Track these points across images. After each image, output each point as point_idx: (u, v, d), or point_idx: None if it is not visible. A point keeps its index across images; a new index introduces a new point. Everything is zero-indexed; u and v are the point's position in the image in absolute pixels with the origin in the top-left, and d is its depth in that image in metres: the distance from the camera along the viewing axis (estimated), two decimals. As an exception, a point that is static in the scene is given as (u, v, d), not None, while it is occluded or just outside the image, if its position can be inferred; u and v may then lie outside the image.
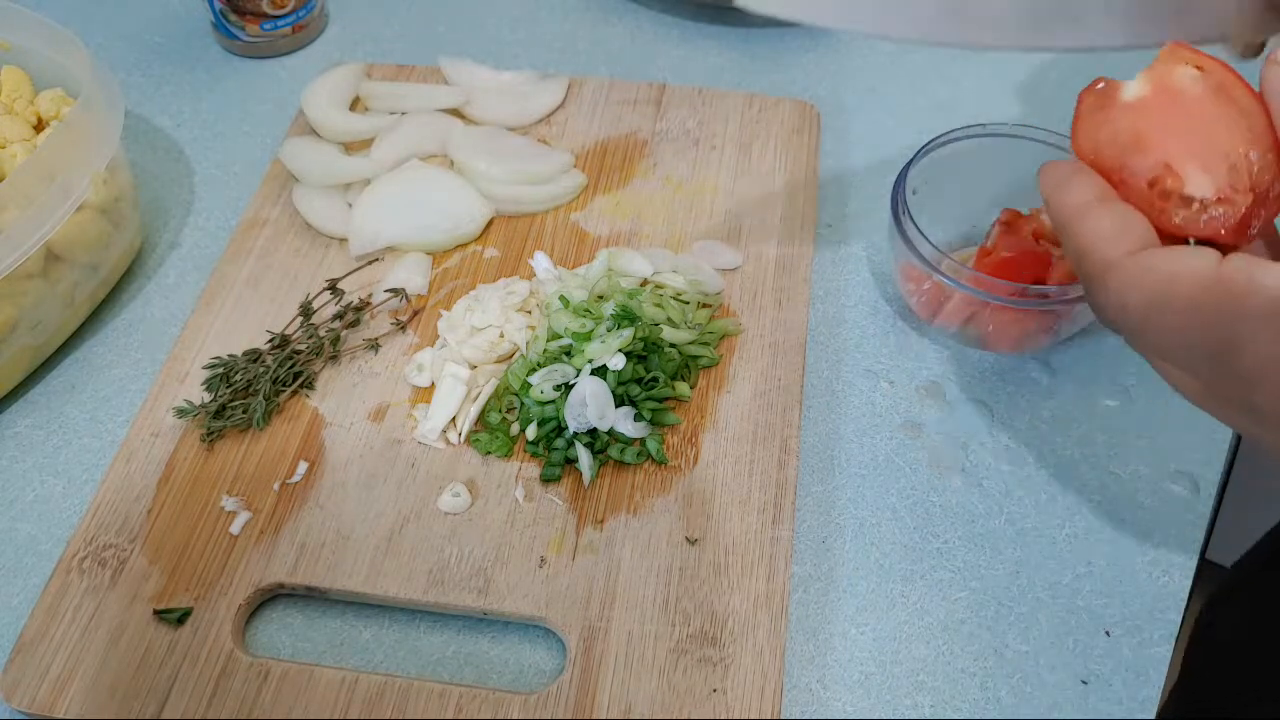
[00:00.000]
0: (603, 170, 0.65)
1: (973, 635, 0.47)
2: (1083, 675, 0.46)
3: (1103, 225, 0.38)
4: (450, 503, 0.50)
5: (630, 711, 0.44)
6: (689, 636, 0.46)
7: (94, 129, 0.55)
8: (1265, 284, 0.33)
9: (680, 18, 0.77)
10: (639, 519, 0.49)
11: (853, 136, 0.68)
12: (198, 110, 0.71)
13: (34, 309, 0.54)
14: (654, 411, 0.52)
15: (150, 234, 0.64)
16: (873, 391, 0.56)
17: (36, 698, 0.44)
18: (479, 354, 0.54)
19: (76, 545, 0.49)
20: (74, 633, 0.46)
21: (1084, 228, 0.38)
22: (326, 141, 0.66)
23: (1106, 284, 0.37)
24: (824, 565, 0.50)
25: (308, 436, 0.53)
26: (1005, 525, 0.51)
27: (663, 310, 0.55)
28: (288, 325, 0.56)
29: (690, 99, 0.69)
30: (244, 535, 0.49)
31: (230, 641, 0.46)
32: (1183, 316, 0.35)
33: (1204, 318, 0.35)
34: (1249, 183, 0.37)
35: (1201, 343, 0.35)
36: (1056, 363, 0.56)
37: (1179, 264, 0.35)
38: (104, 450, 0.54)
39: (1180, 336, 0.36)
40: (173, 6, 0.79)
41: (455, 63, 0.70)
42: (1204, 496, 0.52)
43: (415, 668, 0.47)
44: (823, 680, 0.46)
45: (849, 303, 0.60)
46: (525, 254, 0.61)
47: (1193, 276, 0.35)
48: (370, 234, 0.60)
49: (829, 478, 0.52)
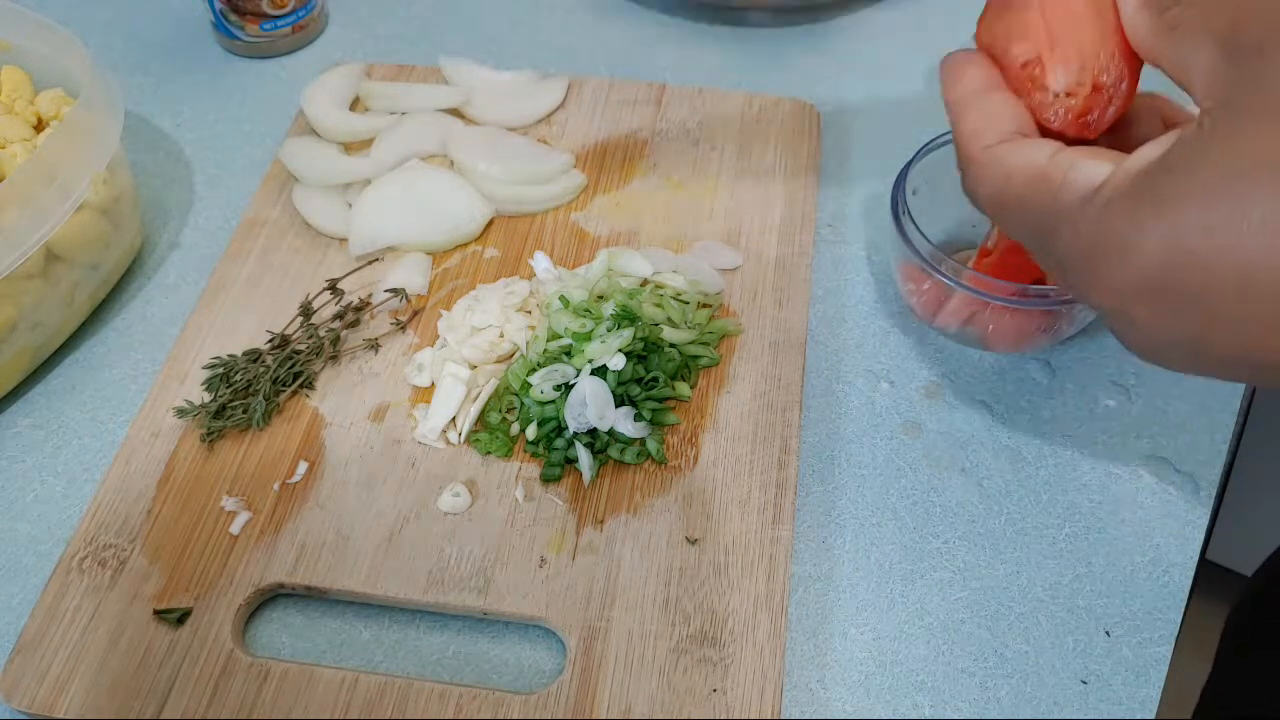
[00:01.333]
0: (603, 170, 0.65)
1: (973, 635, 0.47)
2: (1083, 675, 0.46)
3: (970, 119, 0.40)
4: (450, 503, 0.50)
5: (630, 711, 0.44)
6: (689, 636, 0.46)
7: (94, 129, 0.55)
8: (1075, 178, 0.35)
9: (680, 18, 0.77)
10: (639, 519, 0.49)
11: (853, 136, 0.68)
12: (198, 110, 0.71)
13: (34, 309, 0.54)
14: (654, 411, 0.52)
15: (150, 234, 0.64)
16: (873, 391, 0.56)
17: (36, 698, 0.44)
18: (479, 354, 0.54)
19: (76, 545, 0.49)
20: (74, 633, 0.46)
21: (960, 120, 0.40)
22: (326, 141, 0.66)
23: (966, 175, 0.40)
24: (824, 565, 0.50)
25: (308, 436, 0.53)
26: (1005, 525, 0.51)
27: (663, 310, 0.55)
28: (288, 325, 0.56)
29: (690, 99, 0.69)
30: (244, 535, 0.49)
31: (230, 641, 0.46)
32: (1016, 209, 0.37)
33: (1028, 209, 0.37)
34: (1092, 79, 0.38)
35: (1030, 231, 0.38)
36: (1056, 363, 0.56)
37: (1017, 158, 0.37)
38: (104, 450, 0.54)
39: (1017, 227, 0.38)
40: (173, 6, 0.79)
41: (455, 63, 0.70)
42: (1204, 496, 0.52)
43: (415, 668, 0.47)
44: (823, 680, 0.46)
45: (849, 303, 0.60)
46: (525, 254, 0.61)
47: (1025, 170, 0.37)
48: (370, 234, 0.60)
49: (829, 478, 0.52)
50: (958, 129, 0.40)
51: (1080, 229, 0.35)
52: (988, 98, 0.40)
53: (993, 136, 0.39)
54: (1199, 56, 0.33)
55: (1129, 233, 0.33)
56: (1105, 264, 0.34)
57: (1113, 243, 0.33)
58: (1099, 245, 0.34)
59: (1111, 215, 0.33)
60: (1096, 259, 0.34)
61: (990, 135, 0.39)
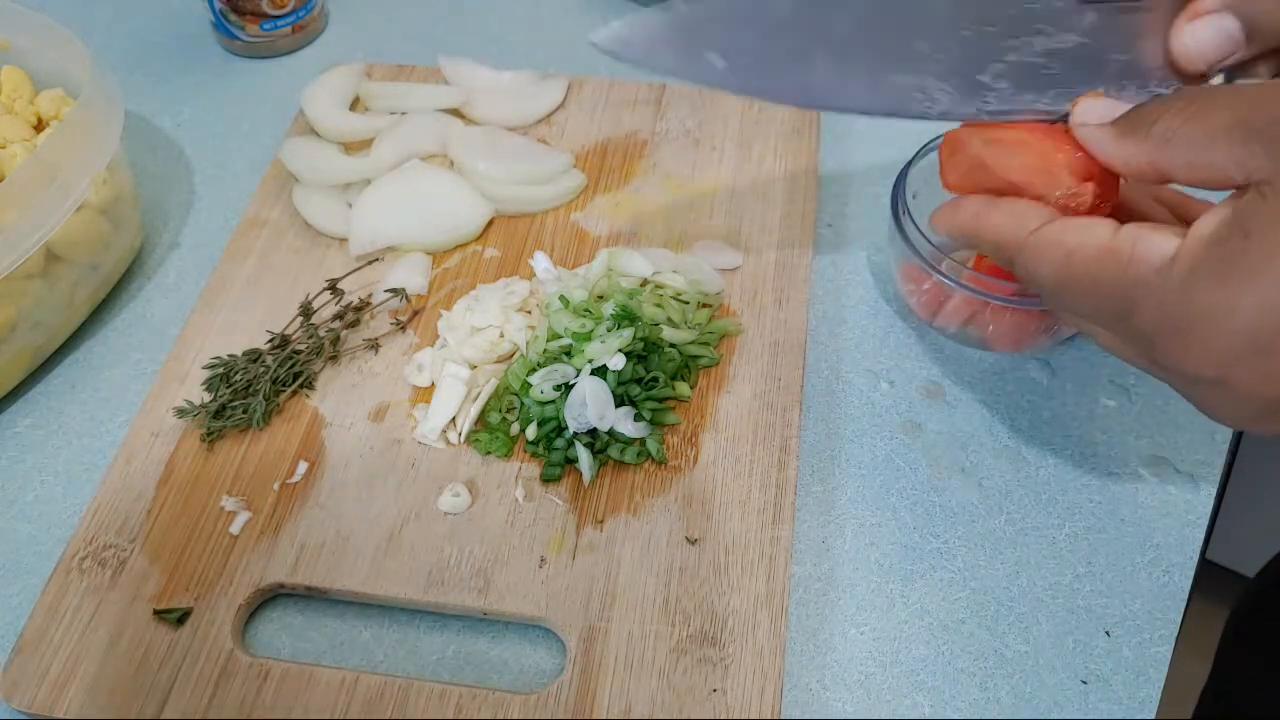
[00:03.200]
0: (603, 170, 0.65)
1: (973, 635, 0.47)
2: (1083, 675, 0.46)
3: (996, 218, 0.41)
4: (450, 503, 0.50)
5: (630, 711, 0.44)
6: (689, 636, 0.46)
7: (94, 129, 0.55)
8: (1145, 250, 0.36)
9: (680, 18, 0.77)
10: (639, 519, 0.49)
11: (853, 136, 0.68)
12: (198, 110, 0.71)
13: (34, 309, 0.54)
14: (654, 411, 0.52)
15: (150, 234, 0.64)
16: (873, 391, 0.56)
17: (36, 698, 0.44)
18: (479, 354, 0.54)
19: (76, 545, 0.49)
20: (74, 633, 0.46)
21: (988, 225, 0.42)
22: (326, 141, 0.66)
23: (1021, 263, 0.41)
24: (824, 565, 0.50)
25: (308, 436, 0.53)
26: (1005, 525, 0.51)
27: (663, 310, 0.55)
28: (288, 325, 0.56)
29: (690, 99, 0.68)
30: (244, 535, 0.49)
31: (230, 641, 0.46)
32: (1084, 285, 0.38)
33: (1101, 286, 0.38)
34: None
35: (1103, 307, 0.38)
36: (1056, 363, 0.56)
37: (1074, 236, 0.38)
38: (104, 450, 0.54)
39: (1087, 303, 0.39)
40: (173, 6, 0.79)
41: (455, 63, 0.70)
42: (1204, 496, 0.52)
43: (415, 668, 0.47)
44: (823, 680, 0.46)
45: (849, 303, 0.60)
46: (525, 254, 0.61)
47: (1089, 247, 0.38)
48: (370, 234, 0.60)
49: (829, 478, 0.52)
50: (988, 231, 0.41)
51: (1165, 301, 0.35)
52: (1003, 202, 0.41)
53: (1034, 222, 0.40)
54: (1217, 148, 0.34)
55: (1220, 300, 0.33)
56: (1200, 333, 0.34)
57: (1204, 311, 0.34)
58: (1190, 316, 0.34)
59: (1198, 285, 0.34)
60: (1190, 330, 0.35)
61: (1031, 222, 0.40)
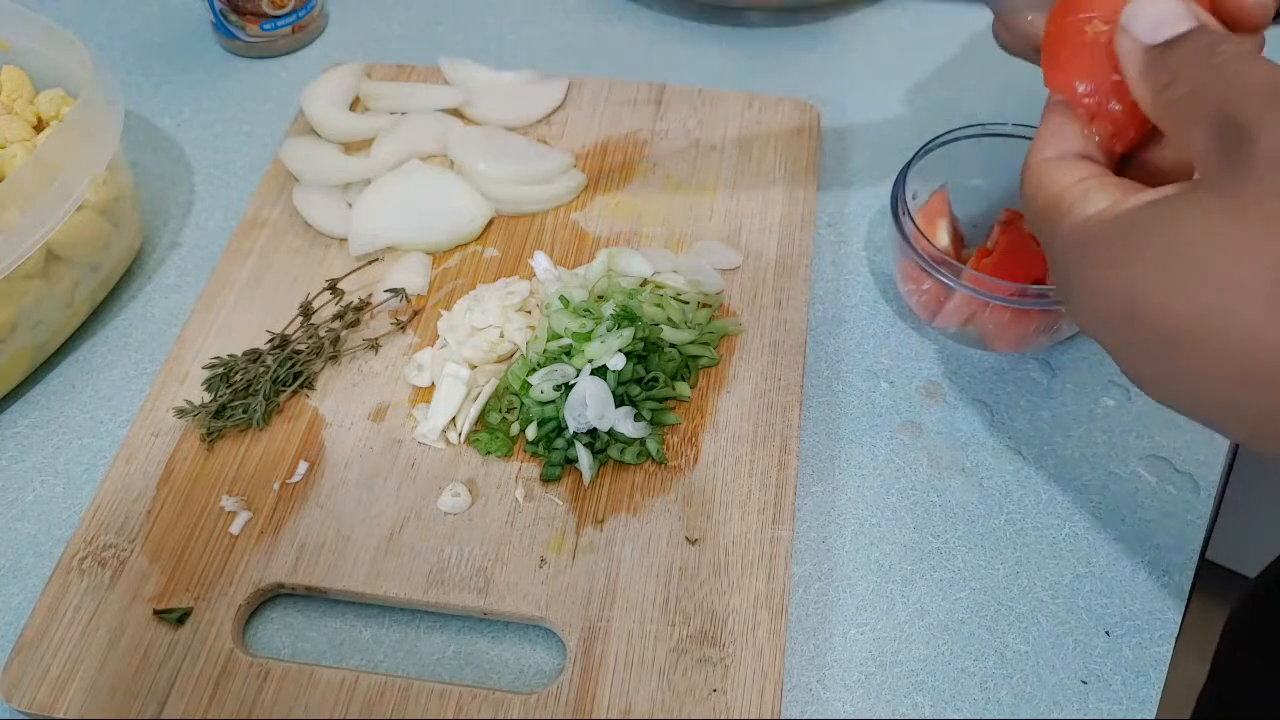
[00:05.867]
0: (603, 170, 0.65)
1: (973, 635, 0.47)
2: (1083, 675, 0.46)
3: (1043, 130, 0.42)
4: (450, 503, 0.50)
5: (630, 711, 0.44)
6: (689, 636, 0.46)
7: (94, 129, 0.55)
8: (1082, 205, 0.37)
9: (680, 18, 0.77)
10: (639, 519, 0.49)
11: (853, 136, 0.68)
12: (198, 110, 0.71)
13: (34, 309, 0.54)
14: (654, 411, 0.52)
15: (150, 234, 0.64)
16: (873, 391, 0.56)
17: (36, 698, 0.44)
18: (479, 354, 0.54)
19: (76, 545, 0.49)
20: (74, 633, 0.46)
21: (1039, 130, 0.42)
22: (326, 141, 0.66)
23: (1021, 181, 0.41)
24: (824, 565, 0.50)
25: (308, 436, 0.53)
26: (1005, 525, 0.51)
27: (663, 310, 0.55)
28: (288, 325, 0.56)
29: (690, 99, 0.68)
30: (244, 535, 0.49)
31: (230, 641, 0.46)
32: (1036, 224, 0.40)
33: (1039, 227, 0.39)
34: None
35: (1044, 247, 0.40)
36: (1056, 363, 0.56)
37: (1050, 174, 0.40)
38: (104, 450, 0.54)
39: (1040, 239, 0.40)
40: (173, 6, 0.79)
41: (455, 63, 0.70)
42: (1204, 496, 0.52)
43: (415, 668, 0.47)
44: (823, 680, 0.46)
45: (849, 303, 0.60)
46: (525, 254, 0.61)
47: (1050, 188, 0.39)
48: (370, 234, 0.60)
49: (829, 478, 0.52)
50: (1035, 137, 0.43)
51: (1066, 252, 0.37)
52: (1062, 116, 0.42)
53: (1051, 151, 0.41)
54: (1195, 132, 0.35)
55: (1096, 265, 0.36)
56: (1076, 291, 0.37)
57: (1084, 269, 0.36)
58: (1073, 270, 0.37)
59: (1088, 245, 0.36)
60: (1071, 284, 0.37)
61: (1050, 150, 0.41)
